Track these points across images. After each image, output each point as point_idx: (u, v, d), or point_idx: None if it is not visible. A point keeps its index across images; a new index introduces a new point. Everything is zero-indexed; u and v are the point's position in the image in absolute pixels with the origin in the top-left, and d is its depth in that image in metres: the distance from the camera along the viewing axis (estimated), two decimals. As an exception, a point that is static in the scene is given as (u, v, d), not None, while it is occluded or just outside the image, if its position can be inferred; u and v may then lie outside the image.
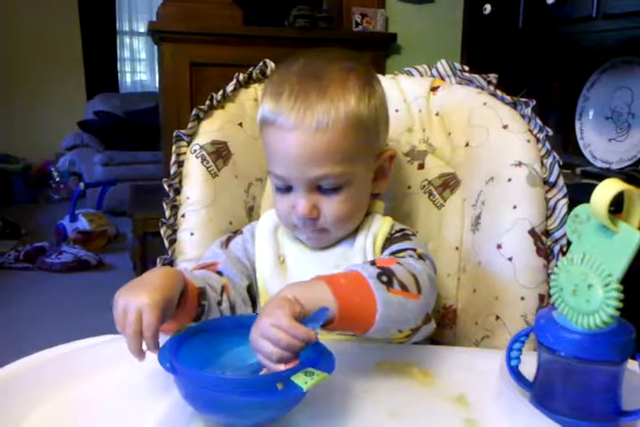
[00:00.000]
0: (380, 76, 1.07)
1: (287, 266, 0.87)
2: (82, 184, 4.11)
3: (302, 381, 0.57)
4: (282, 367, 0.58)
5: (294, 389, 0.56)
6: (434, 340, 0.92)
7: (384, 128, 0.88)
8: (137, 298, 0.66)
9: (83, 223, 3.77)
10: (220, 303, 0.79)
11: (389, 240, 0.86)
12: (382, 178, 0.89)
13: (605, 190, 0.55)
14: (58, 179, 4.99)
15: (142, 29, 6.08)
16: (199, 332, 0.67)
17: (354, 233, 0.87)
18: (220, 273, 0.85)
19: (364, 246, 0.86)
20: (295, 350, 0.58)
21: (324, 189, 0.81)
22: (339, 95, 0.78)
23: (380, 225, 0.87)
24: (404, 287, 0.68)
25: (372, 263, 0.71)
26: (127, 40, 6.32)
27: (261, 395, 0.58)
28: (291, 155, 0.78)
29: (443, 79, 1.05)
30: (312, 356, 0.61)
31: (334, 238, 0.86)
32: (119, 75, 6.15)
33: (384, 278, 0.67)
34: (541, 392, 0.64)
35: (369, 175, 0.86)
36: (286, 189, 0.82)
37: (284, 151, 0.79)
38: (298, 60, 0.83)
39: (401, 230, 0.87)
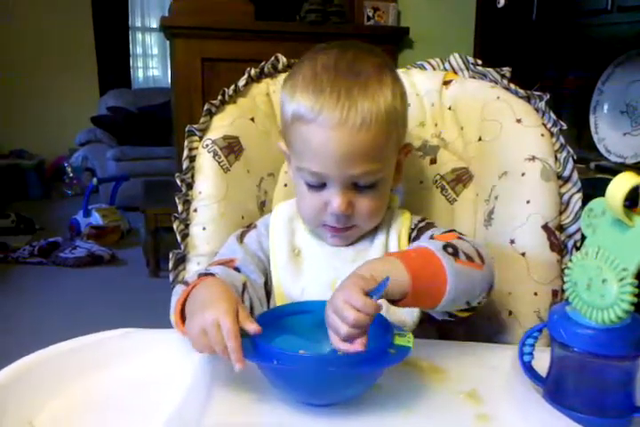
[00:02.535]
0: (392, 70, 1.07)
1: (302, 258, 0.87)
2: (95, 179, 4.13)
3: (405, 341, 0.64)
4: (347, 347, 0.62)
5: (403, 349, 0.63)
6: (446, 335, 0.92)
7: (407, 122, 0.89)
8: (208, 315, 0.66)
9: (96, 218, 3.79)
10: (242, 302, 0.79)
11: (416, 230, 0.87)
12: (398, 172, 0.88)
13: (621, 184, 0.54)
14: (71, 174, 5.02)
15: (154, 25, 6.08)
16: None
17: (374, 229, 0.87)
18: (237, 270, 0.85)
19: (385, 242, 0.86)
20: (363, 326, 0.62)
21: (360, 186, 0.80)
22: (379, 91, 0.78)
23: (401, 220, 0.88)
24: (469, 258, 0.72)
25: (432, 238, 0.75)
26: (139, 36, 6.33)
27: (380, 363, 0.63)
28: (333, 153, 0.77)
29: (455, 73, 1.04)
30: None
31: (359, 235, 0.86)
32: (132, 70, 6.15)
33: (450, 250, 0.71)
34: (554, 388, 0.64)
35: (393, 170, 0.86)
36: (320, 186, 0.81)
37: (326, 149, 0.77)
38: (326, 54, 0.81)
39: (422, 220, 0.88)
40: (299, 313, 0.74)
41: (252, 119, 1.02)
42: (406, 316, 0.83)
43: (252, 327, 0.65)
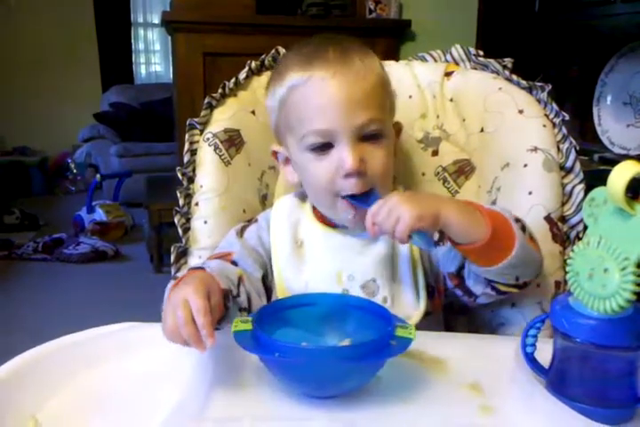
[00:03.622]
0: (393, 62, 1.07)
1: (305, 250, 0.86)
2: (98, 176, 4.13)
3: (406, 333, 0.65)
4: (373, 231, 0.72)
5: (405, 340, 0.64)
6: (449, 327, 0.91)
7: (394, 100, 0.90)
8: (179, 295, 0.66)
9: (100, 214, 3.80)
10: (238, 295, 0.79)
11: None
12: (395, 155, 0.88)
13: (622, 172, 0.54)
14: (75, 171, 5.03)
15: (156, 21, 6.08)
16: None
17: None
18: (234, 263, 0.85)
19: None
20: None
21: (368, 136, 0.80)
22: (366, 55, 0.82)
23: None
24: (531, 238, 0.77)
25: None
26: (141, 32, 6.32)
27: (381, 355, 0.63)
28: (336, 102, 0.77)
29: (457, 64, 1.04)
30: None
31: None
32: (134, 66, 6.15)
33: (520, 224, 0.76)
34: (557, 379, 0.64)
35: (393, 135, 0.86)
36: (326, 146, 0.80)
37: (328, 100, 0.78)
38: (309, 42, 0.85)
39: None
40: (301, 306, 0.74)
41: (253, 112, 1.02)
42: (412, 310, 0.82)
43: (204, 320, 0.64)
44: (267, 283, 0.87)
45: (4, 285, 3.02)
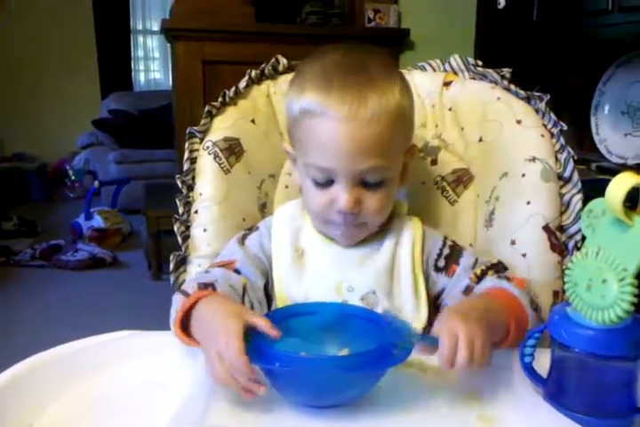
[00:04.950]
0: (392, 72, 1.07)
1: (306, 259, 0.86)
2: (97, 182, 4.13)
3: (408, 343, 0.65)
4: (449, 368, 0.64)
5: (406, 349, 0.64)
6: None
7: (414, 122, 0.88)
8: (213, 343, 0.65)
9: (98, 221, 3.79)
10: (242, 305, 0.79)
11: (443, 257, 0.87)
12: (405, 173, 0.87)
13: (620, 183, 0.54)
14: (73, 177, 5.02)
15: (156, 28, 6.09)
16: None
17: (382, 232, 0.86)
18: (237, 271, 0.85)
19: (393, 247, 0.86)
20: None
21: (368, 182, 0.79)
22: (387, 86, 0.78)
23: (412, 226, 0.88)
24: (536, 309, 0.78)
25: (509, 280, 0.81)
26: (141, 39, 6.34)
27: (383, 364, 0.64)
28: (342, 146, 0.76)
29: (456, 74, 1.05)
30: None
31: (367, 234, 0.85)
32: (133, 73, 6.16)
33: (533, 306, 0.78)
34: (555, 389, 0.64)
35: (400, 169, 0.86)
36: (327, 182, 0.80)
37: (335, 143, 0.76)
38: (334, 53, 0.82)
39: (444, 242, 0.88)
40: (301, 315, 0.74)
41: (253, 121, 1.03)
42: (413, 322, 0.82)
43: (273, 333, 0.65)
44: (267, 291, 0.87)
45: (1, 291, 3.01)
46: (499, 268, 0.84)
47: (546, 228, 0.87)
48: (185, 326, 0.73)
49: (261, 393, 0.62)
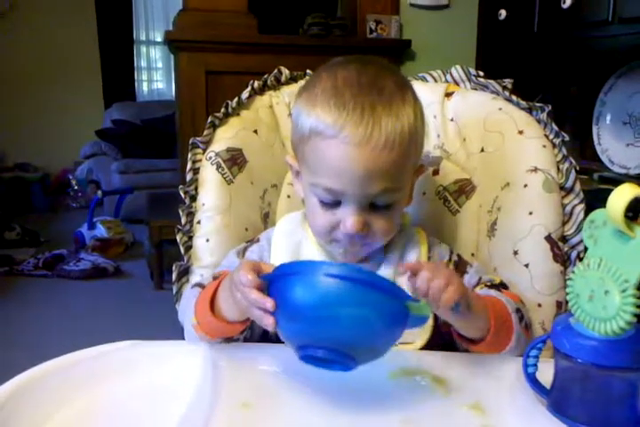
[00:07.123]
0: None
1: None
2: (99, 192, 4.15)
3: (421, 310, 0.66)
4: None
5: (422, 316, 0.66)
6: (449, 346, 0.91)
7: (424, 142, 0.87)
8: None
9: (101, 231, 3.80)
10: None
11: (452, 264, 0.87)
12: (411, 192, 0.87)
13: (621, 195, 0.54)
14: (76, 187, 5.04)
15: (159, 39, 6.14)
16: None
17: (385, 246, 0.85)
18: None
19: (397, 261, 0.85)
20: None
21: (377, 205, 0.78)
22: (402, 110, 0.76)
23: (418, 239, 0.88)
24: (526, 326, 0.79)
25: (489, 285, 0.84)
26: (144, 49, 6.38)
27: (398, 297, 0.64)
28: (354, 170, 0.74)
29: (457, 84, 1.05)
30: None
31: (370, 251, 0.84)
32: (136, 83, 6.20)
33: (519, 315, 0.78)
34: (559, 400, 0.64)
35: (408, 190, 0.85)
36: (334, 203, 0.78)
37: (347, 166, 0.74)
38: (346, 69, 0.79)
39: (450, 257, 0.88)
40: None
41: (256, 131, 1.03)
42: (415, 336, 0.82)
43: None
44: None
45: (4, 301, 3.01)
46: (498, 287, 0.84)
47: (548, 238, 0.87)
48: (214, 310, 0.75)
49: (270, 307, 0.64)
